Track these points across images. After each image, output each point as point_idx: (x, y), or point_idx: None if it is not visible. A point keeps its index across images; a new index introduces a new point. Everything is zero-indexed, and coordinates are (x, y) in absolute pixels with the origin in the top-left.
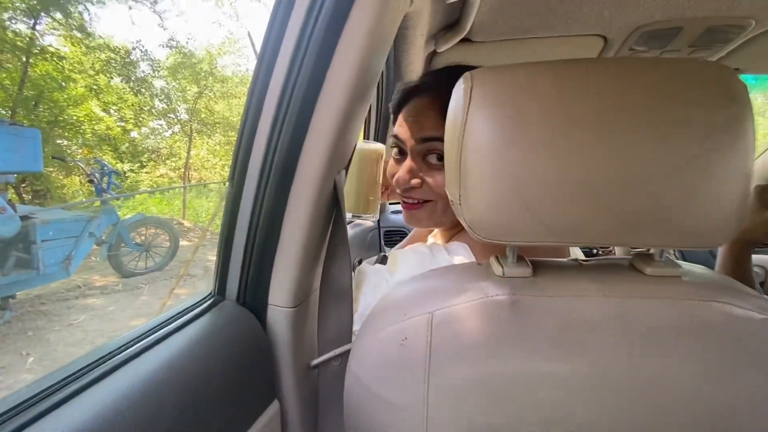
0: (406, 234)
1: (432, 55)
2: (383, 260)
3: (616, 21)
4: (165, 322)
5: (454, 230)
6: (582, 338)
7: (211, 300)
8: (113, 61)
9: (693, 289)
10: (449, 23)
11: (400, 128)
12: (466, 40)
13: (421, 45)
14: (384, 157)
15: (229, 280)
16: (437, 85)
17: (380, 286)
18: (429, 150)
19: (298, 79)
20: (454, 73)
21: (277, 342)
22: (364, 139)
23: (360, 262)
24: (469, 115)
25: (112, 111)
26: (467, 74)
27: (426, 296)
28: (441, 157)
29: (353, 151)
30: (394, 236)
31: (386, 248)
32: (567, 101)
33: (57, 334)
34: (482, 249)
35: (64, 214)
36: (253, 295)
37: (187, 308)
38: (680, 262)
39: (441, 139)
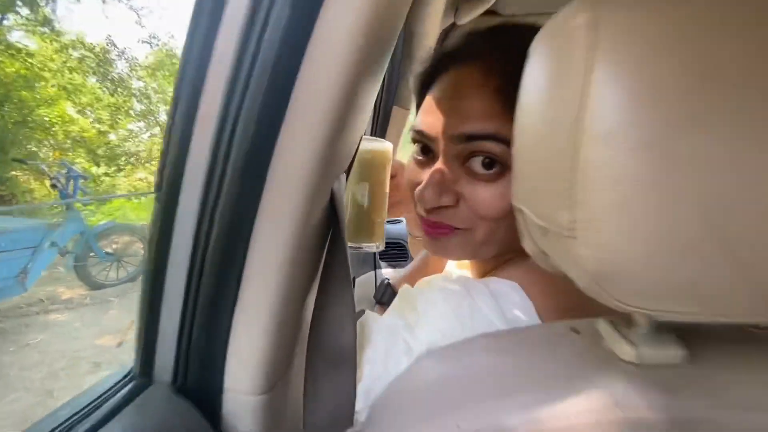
0: (404, 246)
1: (449, 29)
2: (385, 292)
3: None
4: (58, 428)
5: (496, 260)
6: None
7: (132, 385)
8: (88, 59)
9: None
10: None
11: (428, 117)
12: (492, 12)
13: (441, 8)
14: (392, 162)
15: (159, 354)
16: (491, 49)
17: (395, 351)
18: (473, 152)
19: (264, 36)
20: (514, 33)
21: None
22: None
23: (353, 282)
24: (596, 71)
25: (86, 112)
26: (578, 3)
27: (494, 391)
28: (491, 163)
29: (356, 150)
30: (391, 249)
31: (382, 263)
32: None
33: (11, 356)
34: (542, 293)
35: (17, 222)
36: (199, 377)
37: (93, 401)
38: None
39: (494, 137)
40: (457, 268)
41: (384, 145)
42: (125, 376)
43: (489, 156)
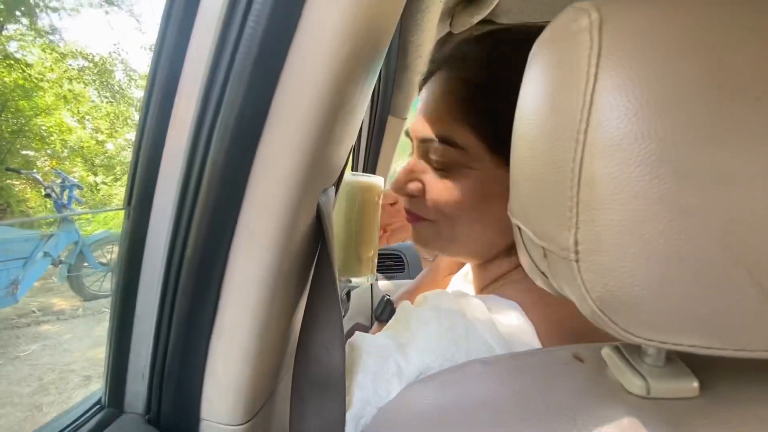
0: (402, 258)
1: (445, 39)
2: (385, 309)
3: None
4: None
5: (493, 269)
6: None
7: (101, 415)
8: (87, 69)
9: None
10: None
11: (414, 119)
12: (488, 21)
13: (436, 18)
14: (382, 197)
15: (130, 382)
16: (462, 59)
17: (386, 374)
18: (428, 151)
19: (242, 37)
20: (489, 42)
21: None
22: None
23: (348, 296)
24: (601, 79)
25: (84, 121)
26: (581, 3)
27: (490, 424)
28: (441, 163)
29: (343, 170)
30: (386, 261)
31: (379, 275)
32: None
33: (0, 369)
34: (543, 315)
35: (10, 233)
36: (174, 407)
37: None
38: None
39: (446, 141)
40: (463, 280)
41: (371, 180)
42: (93, 405)
43: (439, 158)
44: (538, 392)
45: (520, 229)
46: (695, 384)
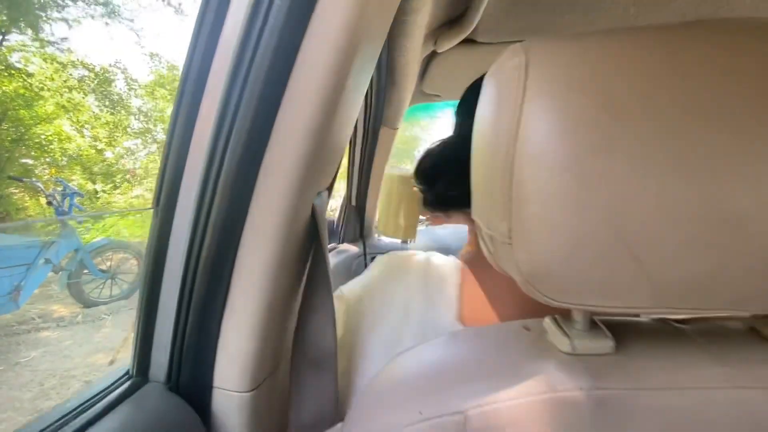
0: None
1: (431, 57)
2: None
3: (643, 18)
4: (58, 421)
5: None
6: None
7: (128, 383)
8: (87, 78)
9: None
10: (453, 17)
11: None
12: (470, 40)
13: (420, 41)
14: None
15: (154, 355)
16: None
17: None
18: None
19: (251, 73)
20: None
21: None
22: (348, 154)
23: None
24: (526, 106)
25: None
26: (515, 46)
27: (454, 381)
28: None
29: (338, 168)
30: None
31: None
32: (677, 78)
33: (1, 375)
34: (478, 274)
35: (12, 239)
36: (191, 376)
37: (91, 398)
38: None
39: None
40: None
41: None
42: (122, 376)
43: None
44: (491, 355)
45: (477, 224)
46: (611, 343)
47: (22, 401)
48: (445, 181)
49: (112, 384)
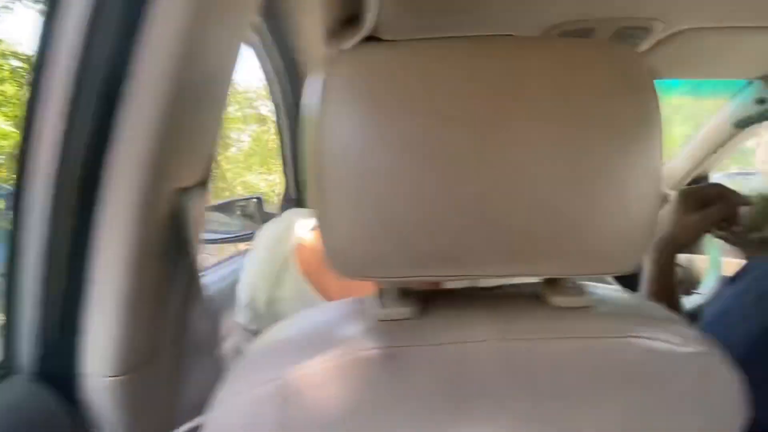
0: None
1: (339, 54)
2: None
3: (527, 21)
4: None
5: None
6: (476, 396)
7: None
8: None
9: (606, 322)
10: (348, 16)
11: None
12: (373, 38)
13: (318, 41)
14: None
15: (20, 344)
16: None
17: None
18: None
19: (88, 75)
20: None
21: (103, 424)
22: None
23: None
24: (323, 106)
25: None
26: (332, 52)
27: (286, 350)
28: None
29: (209, 173)
30: None
31: None
32: (435, 87)
33: None
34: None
35: None
36: (60, 364)
37: None
38: (591, 284)
39: None
40: None
41: None
42: None
43: None
44: (321, 327)
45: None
46: (410, 309)
47: None
48: None
49: None
